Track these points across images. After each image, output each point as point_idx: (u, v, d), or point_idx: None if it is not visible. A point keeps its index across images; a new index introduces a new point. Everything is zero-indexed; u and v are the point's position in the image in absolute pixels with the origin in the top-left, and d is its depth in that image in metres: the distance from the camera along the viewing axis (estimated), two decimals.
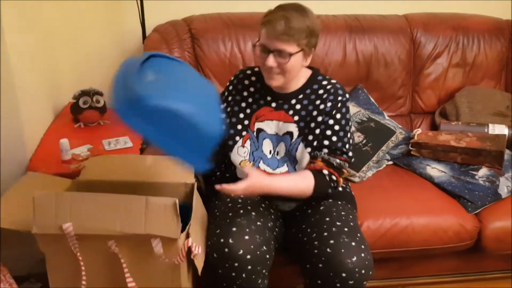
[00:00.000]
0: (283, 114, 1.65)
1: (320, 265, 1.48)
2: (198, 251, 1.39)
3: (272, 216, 1.63)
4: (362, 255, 1.47)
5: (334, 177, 1.59)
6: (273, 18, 1.48)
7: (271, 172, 1.64)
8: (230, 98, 1.71)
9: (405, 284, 2.03)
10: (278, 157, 1.66)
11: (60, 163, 1.82)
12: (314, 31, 1.53)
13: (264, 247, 1.47)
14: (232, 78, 1.75)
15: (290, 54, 1.50)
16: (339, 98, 1.61)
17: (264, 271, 1.48)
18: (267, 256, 1.48)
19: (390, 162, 2.21)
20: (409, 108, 2.46)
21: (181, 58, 2.16)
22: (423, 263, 2.00)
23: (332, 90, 1.62)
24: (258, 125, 1.67)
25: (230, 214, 1.55)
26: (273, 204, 1.69)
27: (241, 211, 1.55)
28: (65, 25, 2.31)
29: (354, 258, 1.44)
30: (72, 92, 2.11)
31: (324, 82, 1.65)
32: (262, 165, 1.66)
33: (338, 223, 1.54)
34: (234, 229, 1.47)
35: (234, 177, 1.72)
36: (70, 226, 1.33)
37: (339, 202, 1.66)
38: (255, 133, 1.67)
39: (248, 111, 1.68)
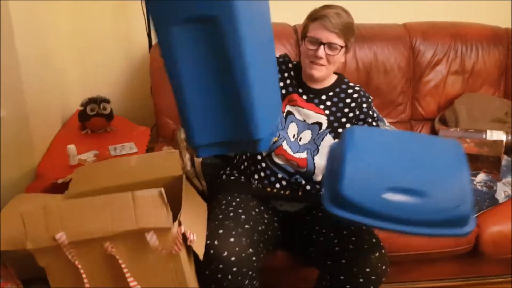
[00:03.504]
0: (313, 106, 1.73)
1: (343, 261, 1.53)
2: (193, 237, 1.37)
3: (265, 220, 1.65)
4: (383, 251, 1.53)
5: None
6: (328, 13, 1.59)
7: (291, 155, 1.68)
8: None
9: None
10: (300, 143, 1.71)
11: (68, 168, 1.85)
12: (355, 32, 1.66)
13: (251, 250, 1.47)
14: None
15: (341, 47, 1.62)
16: (370, 99, 1.77)
17: (250, 272, 1.48)
18: (254, 258, 1.48)
19: None
20: (409, 115, 2.48)
21: None
22: (423, 268, 2.02)
23: (362, 92, 1.76)
24: (289, 108, 1.73)
25: (220, 216, 1.58)
26: (272, 205, 1.72)
27: (231, 214, 1.58)
28: (72, 35, 2.36)
29: (377, 254, 1.50)
30: (79, 100, 2.15)
31: (351, 84, 1.78)
32: (285, 144, 1.69)
33: None
34: (220, 231, 1.50)
35: (238, 180, 1.76)
36: (63, 235, 1.30)
37: None
38: (284, 114, 1.73)
39: (283, 91, 1.74)
